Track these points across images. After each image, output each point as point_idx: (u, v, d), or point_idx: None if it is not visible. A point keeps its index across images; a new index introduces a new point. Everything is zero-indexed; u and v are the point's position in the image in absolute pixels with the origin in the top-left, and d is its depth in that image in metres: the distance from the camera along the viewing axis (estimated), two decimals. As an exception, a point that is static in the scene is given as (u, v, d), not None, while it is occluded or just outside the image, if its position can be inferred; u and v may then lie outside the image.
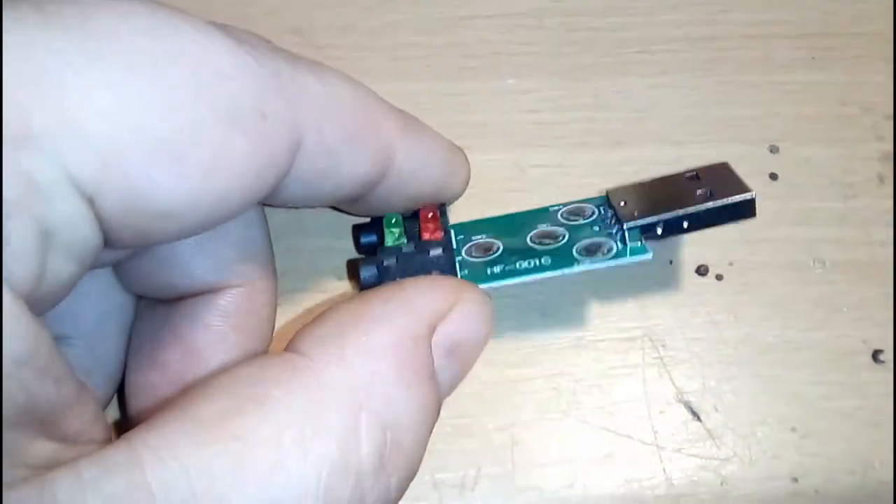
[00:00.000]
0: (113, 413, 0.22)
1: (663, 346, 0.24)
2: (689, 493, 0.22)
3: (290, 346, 0.17)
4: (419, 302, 0.18)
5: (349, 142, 0.18)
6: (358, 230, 0.23)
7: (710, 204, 0.20)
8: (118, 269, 0.20)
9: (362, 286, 0.20)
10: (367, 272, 0.21)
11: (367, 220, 0.23)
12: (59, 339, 0.19)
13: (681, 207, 0.20)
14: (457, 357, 0.19)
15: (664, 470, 0.23)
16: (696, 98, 0.26)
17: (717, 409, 0.23)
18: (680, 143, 0.26)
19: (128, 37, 0.14)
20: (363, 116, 0.18)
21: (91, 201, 0.14)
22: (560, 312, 0.24)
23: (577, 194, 0.23)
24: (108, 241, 0.15)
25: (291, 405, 0.15)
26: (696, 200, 0.21)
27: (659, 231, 0.21)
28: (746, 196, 0.20)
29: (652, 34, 0.27)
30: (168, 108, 0.14)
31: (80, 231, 0.14)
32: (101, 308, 0.20)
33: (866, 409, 0.23)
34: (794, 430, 0.23)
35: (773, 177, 0.26)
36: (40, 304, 0.14)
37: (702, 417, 0.23)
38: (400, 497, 0.17)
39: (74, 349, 0.19)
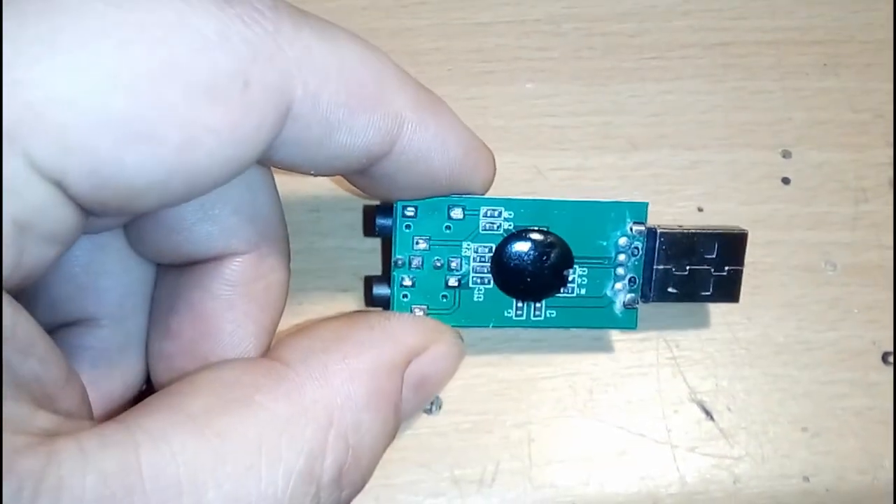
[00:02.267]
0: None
1: (677, 346, 0.24)
2: (702, 490, 0.23)
3: (274, 354, 0.18)
4: (401, 335, 0.19)
5: (349, 110, 0.17)
6: (373, 212, 0.22)
7: (709, 298, 0.23)
8: (130, 236, 0.20)
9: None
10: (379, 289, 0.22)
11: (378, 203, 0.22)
12: (86, 322, 0.20)
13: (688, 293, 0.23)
14: (422, 391, 0.20)
15: (678, 468, 0.23)
16: (711, 103, 0.27)
17: (729, 409, 0.24)
18: (694, 147, 0.26)
19: (95, 8, 0.14)
20: (370, 83, 0.17)
21: (59, 185, 0.14)
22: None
23: (596, 196, 0.24)
24: (92, 214, 0.15)
25: (273, 412, 0.16)
26: (700, 294, 0.23)
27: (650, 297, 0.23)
28: (733, 300, 0.23)
29: (667, 40, 0.27)
30: (133, 86, 0.14)
31: (55, 215, 0.14)
32: (122, 283, 0.20)
33: (876, 408, 0.24)
34: (805, 429, 0.24)
35: (786, 181, 0.26)
36: (22, 284, 0.15)
37: (715, 417, 0.24)
38: None
39: (102, 329, 0.20)
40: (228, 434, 0.15)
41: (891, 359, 0.24)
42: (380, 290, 0.22)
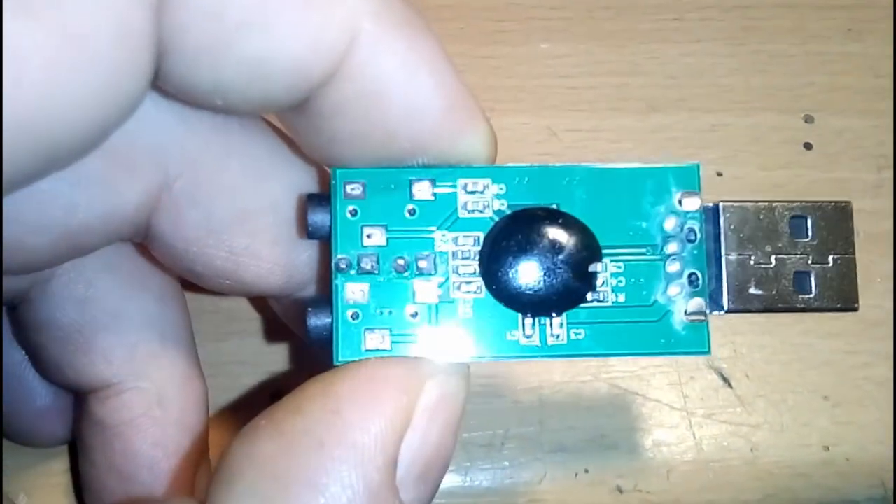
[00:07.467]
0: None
1: (694, 312, 0.24)
2: (719, 458, 0.22)
3: (213, 498, 0.13)
4: (367, 429, 0.13)
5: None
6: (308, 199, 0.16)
7: (814, 305, 0.16)
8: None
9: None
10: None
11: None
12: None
13: (780, 298, 0.16)
14: (430, 476, 0.14)
15: (694, 435, 0.23)
16: (730, 66, 0.26)
17: (748, 377, 0.23)
18: (713, 110, 0.26)
19: None
20: None
21: None
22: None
23: (614, 159, 0.23)
24: None
25: None
26: (799, 298, 0.16)
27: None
28: (851, 306, 0.17)
29: (686, 1, 0.27)
30: None
31: None
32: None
33: (899, 379, 0.23)
34: (826, 398, 0.23)
35: (808, 146, 0.25)
36: None
37: (733, 384, 0.23)
38: None
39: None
40: None
41: (913, 330, 0.24)
42: (317, 319, 0.15)
